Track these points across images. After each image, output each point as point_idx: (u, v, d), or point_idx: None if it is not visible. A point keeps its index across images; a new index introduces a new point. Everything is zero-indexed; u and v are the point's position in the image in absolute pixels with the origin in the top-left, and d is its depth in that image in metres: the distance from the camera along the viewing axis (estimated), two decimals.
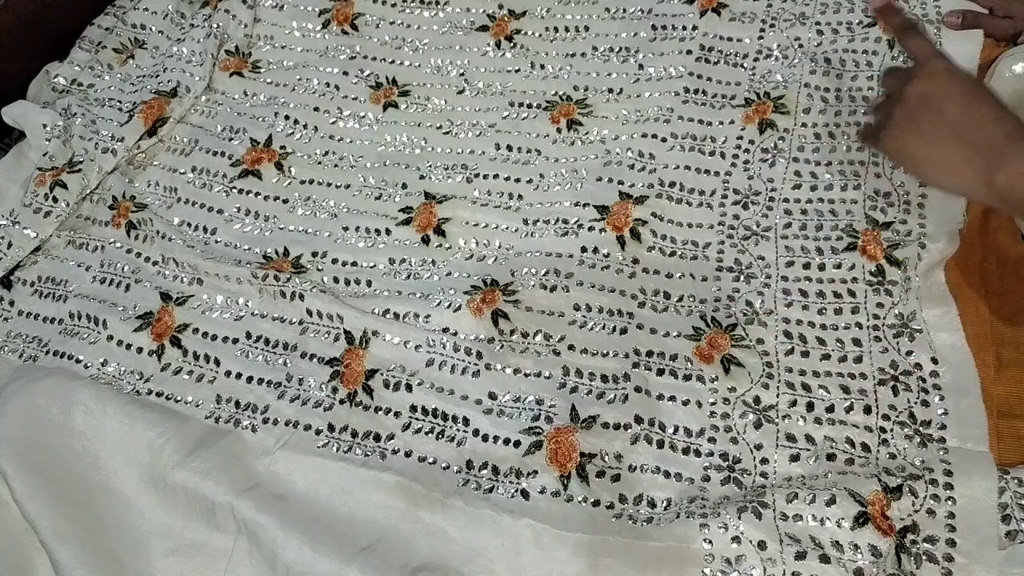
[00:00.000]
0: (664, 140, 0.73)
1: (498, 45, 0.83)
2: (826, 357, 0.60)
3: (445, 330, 0.64)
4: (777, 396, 0.59)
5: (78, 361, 0.67)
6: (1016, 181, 0.47)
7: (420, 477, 0.58)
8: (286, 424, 0.62)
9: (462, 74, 0.82)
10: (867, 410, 0.57)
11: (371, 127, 0.80)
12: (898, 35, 0.59)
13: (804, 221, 0.66)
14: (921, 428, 0.56)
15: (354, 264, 0.71)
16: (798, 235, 0.66)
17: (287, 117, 0.81)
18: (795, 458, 0.56)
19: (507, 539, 0.54)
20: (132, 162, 0.80)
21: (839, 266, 0.63)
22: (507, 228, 0.71)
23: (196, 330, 0.68)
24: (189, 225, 0.75)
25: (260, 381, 0.64)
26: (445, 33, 0.85)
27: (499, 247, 0.70)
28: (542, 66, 0.81)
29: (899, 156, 0.54)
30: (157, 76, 0.83)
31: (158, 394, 0.65)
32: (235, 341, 0.67)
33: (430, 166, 0.76)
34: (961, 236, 0.62)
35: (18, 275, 0.74)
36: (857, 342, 0.60)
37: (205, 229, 0.75)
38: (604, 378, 0.61)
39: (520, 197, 0.73)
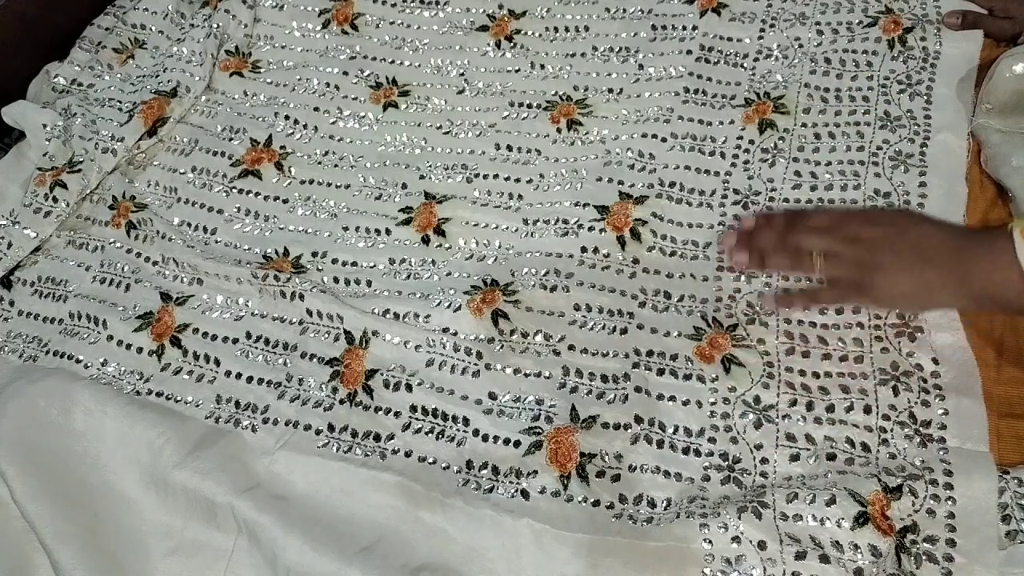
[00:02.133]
0: (664, 140, 0.73)
1: (498, 45, 0.83)
2: (827, 357, 0.60)
3: (445, 330, 0.64)
4: (777, 396, 0.59)
5: (78, 361, 0.67)
6: (991, 287, 0.49)
7: (420, 477, 0.58)
8: (286, 424, 0.62)
9: (462, 74, 0.82)
10: (867, 410, 0.57)
11: (371, 127, 0.80)
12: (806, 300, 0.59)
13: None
14: (921, 428, 0.56)
15: (354, 264, 0.71)
16: None
17: (287, 117, 0.81)
18: (795, 458, 0.56)
19: (507, 539, 0.54)
20: (132, 162, 0.80)
21: None
22: (507, 228, 0.71)
23: (196, 330, 0.68)
24: (189, 225, 0.75)
25: (260, 381, 0.64)
26: (445, 33, 0.85)
27: (499, 247, 0.70)
28: (542, 66, 0.81)
29: (894, 299, 0.55)
30: (157, 76, 0.83)
31: (158, 394, 0.65)
32: (235, 341, 0.67)
33: (430, 166, 0.76)
34: None
35: (18, 275, 0.74)
36: (858, 342, 0.60)
37: (205, 229, 0.75)
38: (604, 378, 0.61)
39: (520, 197, 0.73)
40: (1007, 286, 0.49)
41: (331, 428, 0.61)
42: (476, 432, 0.60)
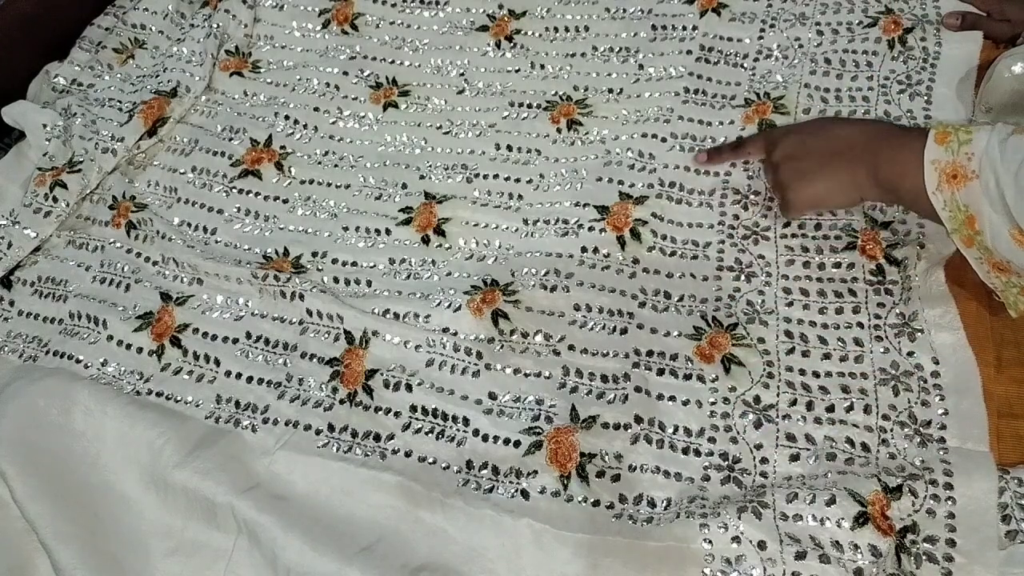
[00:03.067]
0: (664, 140, 0.73)
1: (498, 45, 0.83)
2: (827, 357, 0.60)
3: (445, 330, 0.64)
4: (777, 395, 0.59)
5: (78, 361, 0.67)
6: (892, 174, 0.55)
7: (420, 477, 0.58)
8: (286, 424, 0.62)
9: (462, 74, 0.82)
10: (867, 410, 0.57)
11: (371, 127, 0.80)
12: (732, 154, 0.68)
13: (803, 220, 0.66)
14: (921, 428, 0.56)
15: (354, 264, 0.71)
16: (797, 234, 0.66)
17: (287, 117, 0.81)
18: (795, 458, 0.56)
19: (507, 539, 0.54)
20: (132, 162, 0.80)
21: (839, 265, 0.64)
22: (507, 228, 0.71)
23: (196, 330, 0.68)
24: (189, 225, 0.75)
25: (260, 381, 0.64)
26: (445, 33, 0.85)
27: (499, 247, 0.70)
28: (542, 66, 0.81)
29: (807, 201, 0.61)
30: (157, 76, 0.83)
31: (158, 394, 0.65)
32: (235, 341, 0.67)
33: (430, 166, 0.76)
34: None
35: (18, 275, 0.74)
36: (858, 342, 0.60)
37: (205, 229, 0.75)
38: (604, 378, 0.61)
39: (520, 197, 0.73)
40: (905, 177, 0.53)
41: (331, 428, 0.61)
42: (476, 432, 0.60)
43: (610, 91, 0.78)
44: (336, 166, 0.78)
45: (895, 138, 0.56)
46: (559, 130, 0.76)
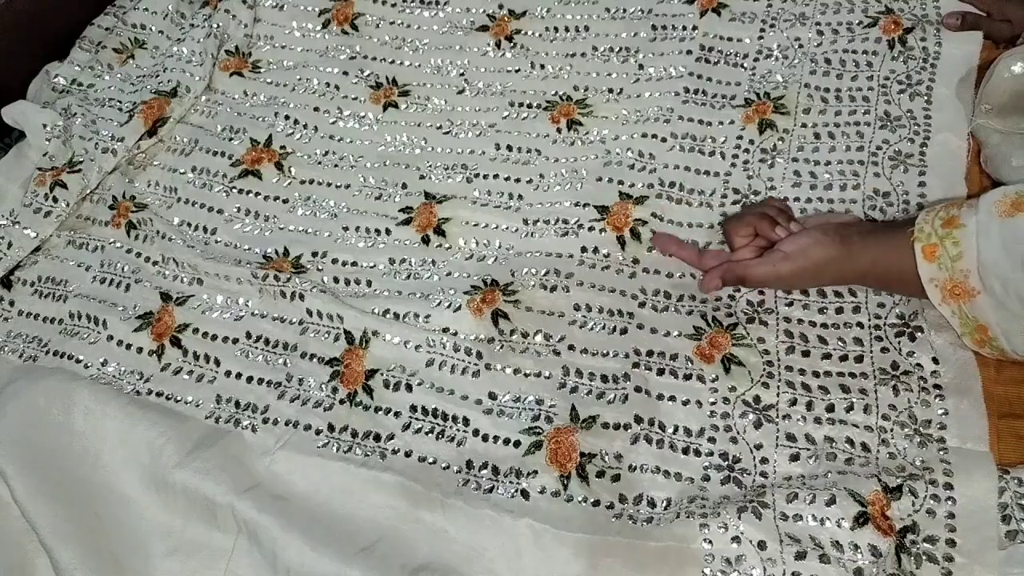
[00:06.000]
0: (664, 140, 0.73)
1: (498, 45, 0.83)
2: (827, 357, 0.60)
3: (445, 330, 0.64)
4: (777, 395, 0.59)
5: (78, 361, 0.67)
6: (877, 267, 0.55)
7: (420, 477, 0.58)
8: (286, 424, 0.62)
9: (462, 74, 0.82)
10: (867, 410, 0.57)
11: (371, 127, 0.80)
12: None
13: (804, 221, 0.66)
14: (921, 428, 0.56)
15: (354, 264, 0.71)
16: None
17: (287, 117, 0.81)
18: (795, 458, 0.56)
19: (507, 539, 0.54)
20: (132, 162, 0.80)
21: None
22: (507, 228, 0.71)
23: (196, 330, 0.68)
24: (189, 225, 0.75)
25: (260, 381, 0.64)
26: (445, 33, 0.85)
27: (499, 247, 0.70)
28: (542, 66, 0.81)
29: (782, 279, 0.61)
30: (157, 76, 0.83)
31: (158, 394, 0.65)
32: (235, 341, 0.67)
33: (430, 166, 0.76)
34: None
35: (18, 275, 0.74)
36: (858, 341, 0.60)
37: (205, 229, 0.75)
38: (604, 378, 0.61)
39: (520, 197, 0.73)
40: (906, 285, 0.53)
41: (331, 428, 0.61)
42: (476, 432, 0.60)
43: (610, 91, 0.78)
44: (336, 166, 0.78)
45: (877, 234, 0.57)
46: (559, 130, 0.76)
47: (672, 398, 0.60)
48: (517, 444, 0.58)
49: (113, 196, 0.77)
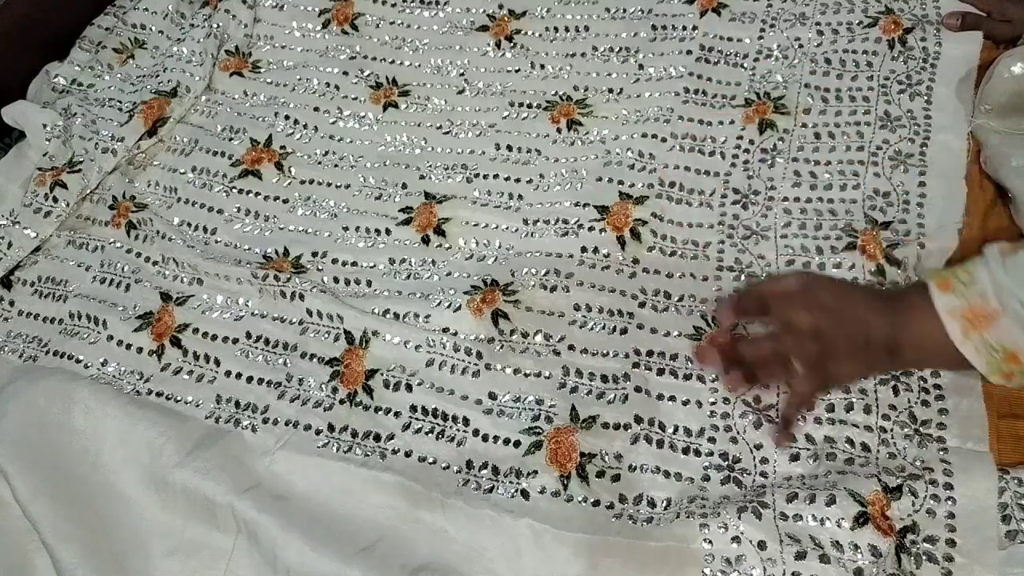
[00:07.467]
0: (664, 140, 0.73)
1: (498, 45, 0.83)
2: None
3: (445, 330, 0.64)
4: (777, 396, 0.59)
5: (78, 361, 0.67)
6: (912, 342, 0.50)
7: (420, 477, 0.58)
8: (286, 424, 0.62)
9: (462, 74, 0.82)
10: (867, 410, 0.57)
11: (371, 127, 0.80)
12: (740, 307, 0.57)
13: (804, 221, 0.66)
14: (921, 428, 0.56)
15: (354, 264, 0.71)
16: (798, 234, 0.66)
17: (287, 117, 0.81)
18: (795, 458, 0.56)
19: (507, 539, 0.54)
20: (132, 162, 0.80)
21: (839, 265, 0.63)
22: (507, 228, 0.71)
23: (196, 330, 0.68)
24: (189, 225, 0.75)
25: (260, 381, 0.64)
26: (445, 33, 0.85)
27: (499, 247, 0.70)
28: (542, 66, 0.81)
29: (844, 380, 0.56)
30: (157, 76, 0.83)
31: (158, 394, 0.65)
32: (235, 341, 0.67)
33: (430, 166, 0.76)
34: (960, 236, 0.62)
35: (18, 275, 0.74)
36: None
37: (205, 229, 0.75)
38: (604, 378, 0.61)
39: (520, 197, 0.73)
40: (926, 338, 0.49)
41: (331, 428, 0.61)
42: (476, 432, 0.60)
43: (610, 91, 0.78)
44: (336, 166, 0.78)
45: (900, 312, 0.51)
46: (559, 130, 0.76)
47: (672, 398, 0.60)
48: (517, 444, 0.58)
49: (113, 196, 0.77)
